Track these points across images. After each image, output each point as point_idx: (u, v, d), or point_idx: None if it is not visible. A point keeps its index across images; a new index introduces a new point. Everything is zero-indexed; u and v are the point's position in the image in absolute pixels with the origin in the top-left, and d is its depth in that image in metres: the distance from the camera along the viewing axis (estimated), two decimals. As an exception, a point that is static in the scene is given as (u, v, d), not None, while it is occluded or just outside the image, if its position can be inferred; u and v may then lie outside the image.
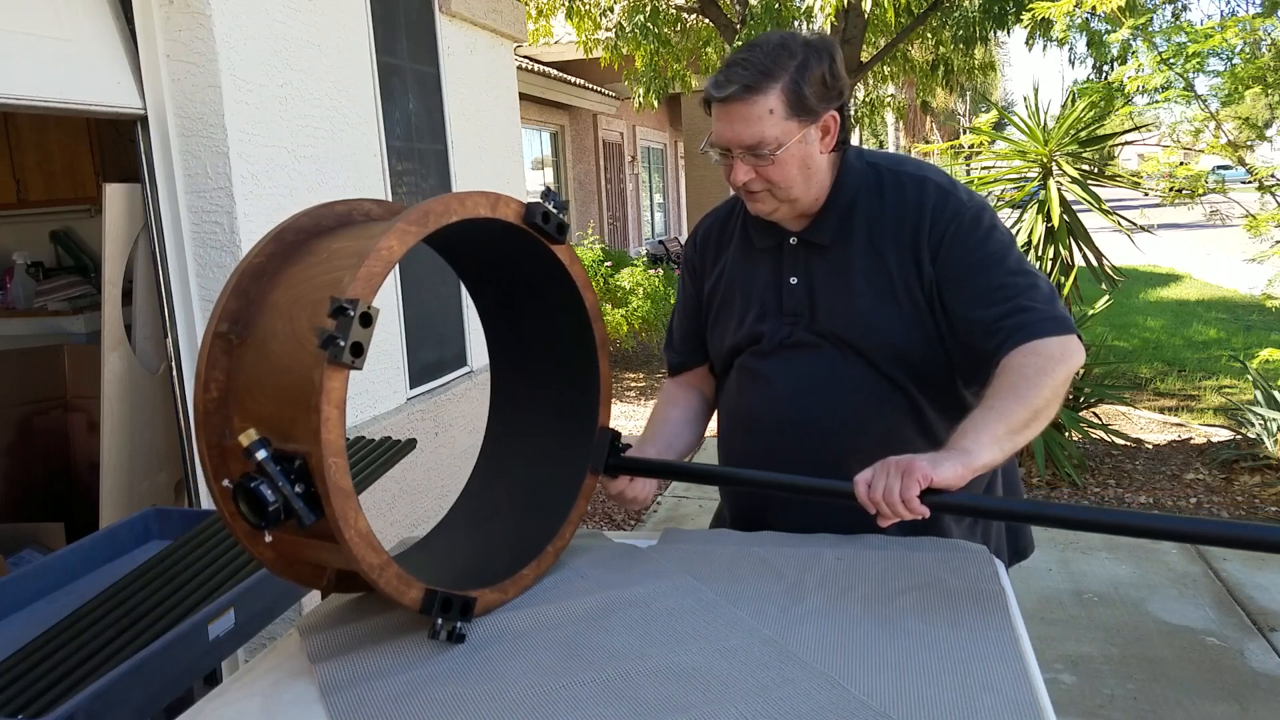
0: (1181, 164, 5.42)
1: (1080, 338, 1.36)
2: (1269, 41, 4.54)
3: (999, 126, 6.28)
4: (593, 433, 1.45)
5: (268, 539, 1.14)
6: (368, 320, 1.04)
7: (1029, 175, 5.33)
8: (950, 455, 1.19)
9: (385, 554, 1.12)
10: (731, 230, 1.61)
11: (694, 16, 8.85)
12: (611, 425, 1.48)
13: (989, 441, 1.21)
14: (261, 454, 1.05)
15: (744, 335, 1.54)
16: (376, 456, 2.20)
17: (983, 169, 6.68)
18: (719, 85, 1.37)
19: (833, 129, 1.42)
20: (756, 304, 1.53)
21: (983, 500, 1.40)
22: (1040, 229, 5.04)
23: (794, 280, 1.49)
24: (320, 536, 1.10)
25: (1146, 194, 5.65)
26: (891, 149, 25.16)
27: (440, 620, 1.18)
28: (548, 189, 1.35)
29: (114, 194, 2.61)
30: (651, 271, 8.34)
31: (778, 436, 1.50)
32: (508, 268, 1.45)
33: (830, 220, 1.46)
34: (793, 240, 1.49)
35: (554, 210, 1.32)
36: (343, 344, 1.02)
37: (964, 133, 7.40)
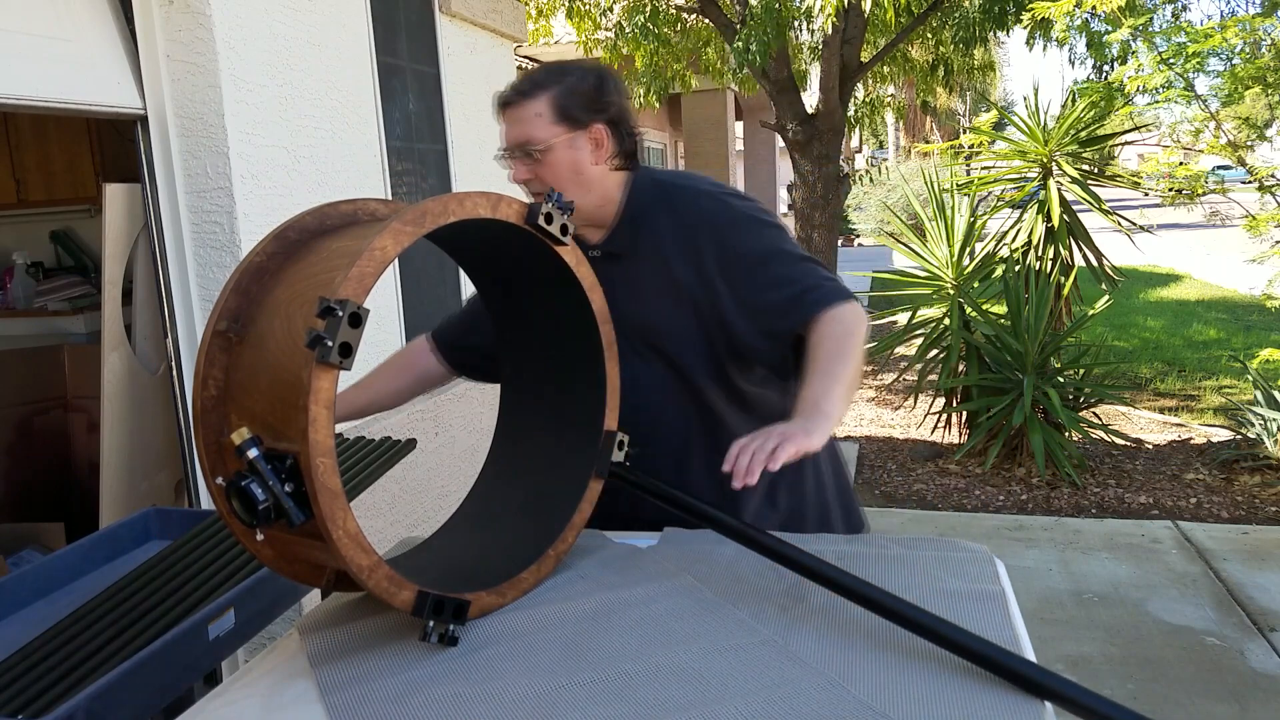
0: (1181, 164, 5.42)
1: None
2: (1269, 41, 4.54)
3: (999, 126, 6.29)
4: (599, 436, 1.45)
5: (259, 537, 1.14)
6: (357, 321, 1.04)
7: (1029, 175, 5.34)
8: (816, 421, 1.27)
9: (375, 555, 1.12)
10: None
11: (694, 16, 8.83)
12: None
13: (839, 401, 1.33)
14: (253, 452, 1.06)
15: None
16: (376, 456, 2.20)
17: (983, 169, 6.69)
18: (502, 94, 1.55)
19: (604, 142, 1.54)
20: None
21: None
22: (1040, 229, 5.05)
23: None
24: (312, 536, 1.10)
25: (1146, 194, 5.64)
26: (891, 149, 25.14)
27: (431, 623, 1.17)
28: (550, 189, 1.34)
29: (114, 194, 2.61)
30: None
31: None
32: (513, 267, 1.44)
33: (623, 233, 1.59)
34: (595, 253, 1.59)
35: (557, 210, 1.31)
36: (330, 344, 1.01)
37: (964, 133, 7.39)
